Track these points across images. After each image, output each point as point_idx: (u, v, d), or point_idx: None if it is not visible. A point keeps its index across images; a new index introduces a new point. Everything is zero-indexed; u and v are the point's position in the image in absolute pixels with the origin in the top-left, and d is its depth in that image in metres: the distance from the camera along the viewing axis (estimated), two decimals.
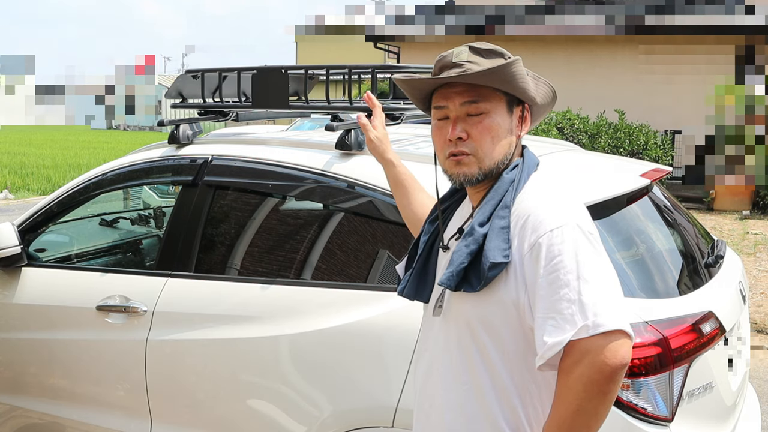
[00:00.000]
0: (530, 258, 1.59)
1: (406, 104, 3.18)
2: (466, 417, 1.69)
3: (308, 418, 2.58)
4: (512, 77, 1.68)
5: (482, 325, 1.65)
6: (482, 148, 1.70)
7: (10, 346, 3.40)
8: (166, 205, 4.75)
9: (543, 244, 1.57)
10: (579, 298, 1.52)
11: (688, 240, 2.92)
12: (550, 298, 1.54)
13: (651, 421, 2.15)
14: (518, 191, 1.69)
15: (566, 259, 1.54)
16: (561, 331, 1.52)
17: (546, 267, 1.56)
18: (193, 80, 3.30)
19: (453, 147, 1.71)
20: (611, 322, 1.50)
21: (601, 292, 1.53)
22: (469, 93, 1.70)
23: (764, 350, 5.77)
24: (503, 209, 1.66)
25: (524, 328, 1.62)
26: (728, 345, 2.59)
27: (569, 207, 1.65)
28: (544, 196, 1.67)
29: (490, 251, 1.61)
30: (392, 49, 18.37)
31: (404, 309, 2.31)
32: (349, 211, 2.80)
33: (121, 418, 3.07)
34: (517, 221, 1.64)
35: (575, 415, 1.51)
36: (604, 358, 1.49)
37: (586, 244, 1.58)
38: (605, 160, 3.44)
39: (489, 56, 1.71)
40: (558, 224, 1.58)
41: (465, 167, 1.71)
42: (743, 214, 11.70)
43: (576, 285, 1.53)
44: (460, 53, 1.71)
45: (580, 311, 1.51)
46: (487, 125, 1.69)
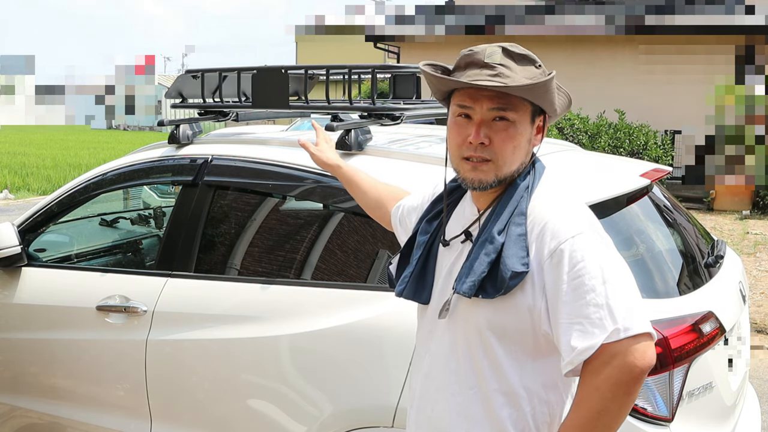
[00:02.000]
0: (551, 264, 1.58)
1: (407, 104, 3.18)
2: (471, 421, 1.68)
3: (308, 418, 2.58)
4: (547, 92, 1.67)
5: (492, 330, 1.65)
6: (503, 157, 1.67)
7: (10, 346, 3.40)
8: (166, 205, 4.75)
9: (565, 250, 1.57)
10: (606, 302, 1.52)
11: (688, 240, 2.92)
12: (575, 303, 1.54)
13: (651, 421, 2.15)
14: (531, 197, 1.69)
15: (590, 265, 1.55)
16: (590, 336, 1.52)
17: (569, 273, 1.56)
18: (193, 80, 3.30)
19: (472, 151, 1.67)
20: (639, 326, 1.52)
21: (626, 296, 1.55)
22: (500, 100, 1.65)
23: (764, 350, 5.77)
24: (519, 216, 1.65)
25: (536, 334, 1.62)
26: (728, 345, 2.59)
27: (584, 214, 1.66)
28: (559, 204, 1.67)
29: (509, 259, 1.61)
30: (392, 49, 18.36)
31: (404, 309, 2.31)
32: (349, 211, 2.80)
33: (121, 418, 3.07)
34: (533, 228, 1.63)
35: (599, 415, 1.52)
36: (634, 360, 1.50)
37: (605, 249, 1.60)
38: (605, 160, 3.44)
39: (521, 62, 1.67)
40: (578, 231, 1.59)
41: (482, 174, 1.68)
42: (743, 214, 11.70)
43: (602, 290, 1.53)
44: (493, 54, 1.66)
45: (610, 315, 1.52)
46: (511, 134, 1.67)
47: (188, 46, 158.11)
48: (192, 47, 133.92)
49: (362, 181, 2.25)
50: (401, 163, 2.72)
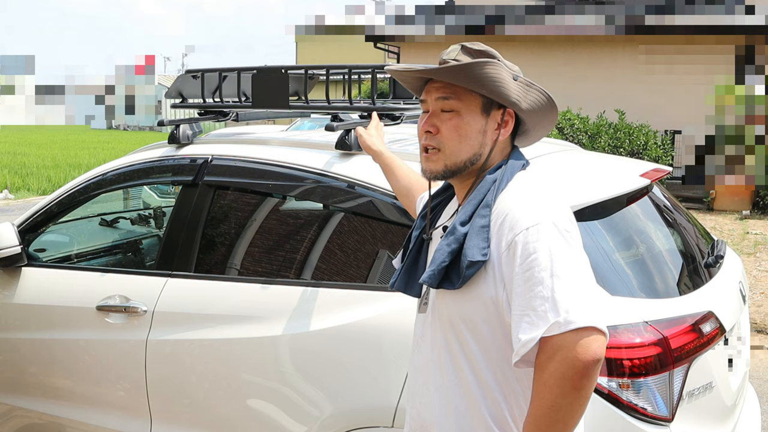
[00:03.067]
0: (507, 256, 1.61)
1: (407, 104, 3.18)
2: (455, 413, 1.71)
3: (308, 418, 2.58)
4: (483, 78, 1.69)
5: (463, 323, 1.68)
6: (448, 145, 1.73)
7: (10, 346, 3.40)
8: (166, 205, 4.75)
9: (519, 242, 1.59)
10: (552, 295, 1.54)
11: (688, 240, 2.92)
12: (525, 295, 1.57)
13: (651, 421, 2.15)
14: (500, 190, 1.70)
15: (540, 257, 1.56)
16: (534, 328, 1.54)
17: (521, 264, 1.58)
18: (193, 80, 3.30)
19: (425, 140, 1.76)
20: (583, 319, 1.52)
21: (574, 290, 1.55)
22: (444, 89, 1.74)
23: (764, 350, 5.78)
24: (484, 208, 1.69)
25: (503, 326, 1.65)
26: (728, 345, 2.59)
27: (546, 205, 1.66)
28: (523, 195, 1.69)
29: (469, 250, 1.64)
30: (392, 49, 18.36)
31: (404, 309, 2.31)
32: (349, 211, 2.80)
33: (121, 418, 3.07)
34: (497, 220, 1.66)
35: (550, 410, 1.53)
36: (576, 354, 1.51)
37: (561, 242, 1.59)
38: (605, 160, 3.44)
39: (476, 56, 1.73)
40: (533, 222, 1.60)
41: (432, 163, 1.76)
42: (743, 214, 11.70)
43: (549, 282, 1.55)
44: (451, 51, 1.75)
45: (553, 308, 1.53)
46: (455, 123, 1.73)
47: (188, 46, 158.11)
48: (192, 47, 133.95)
49: (398, 169, 2.34)
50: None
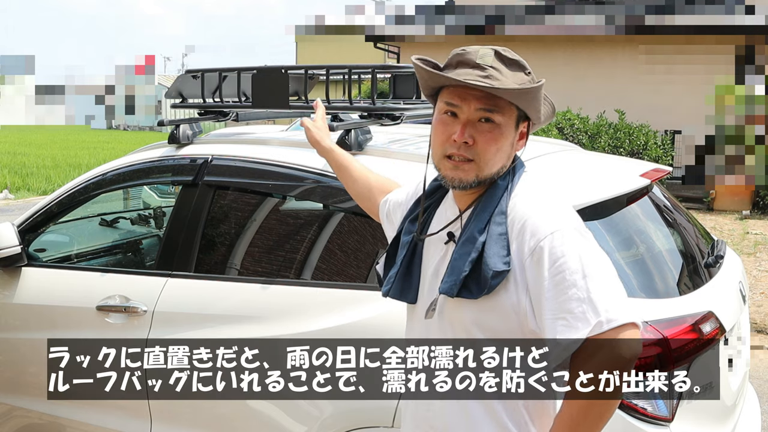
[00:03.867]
0: (531, 262, 1.60)
1: (407, 104, 3.18)
2: (471, 419, 1.69)
3: (308, 418, 2.58)
4: (535, 99, 1.69)
5: (481, 331, 1.66)
6: (485, 158, 1.68)
7: (10, 346, 3.40)
8: (166, 205, 4.75)
9: (545, 247, 1.58)
10: (588, 296, 1.54)
11: (688, 240, 2.92)
12: (558, 299, 1.56)
13: (651, 421, 2.15)
14: (511, 197, 1.70)
15: (570, 260, 1.56)
16: (574, 330, 1.54)
17: (550, 269, 1.57)
18: (193, 80, 3.30)
19: (455, 149, 1.69)
20: (623, 316, 1.54)
21: (608, 288, 1.56)
22: (488, 101, 1.67)
23: (764, 350, 5.78)
24: (499, 215, 1.67)
25: (524, 333, 1.63)
26: (728, 345, 2.59)
27: (564, 211, 1.67)
28: (538, 201, 1.69)
29: (491, 259, 1.62)
30: (392, 49, 18.36)
31: (404, 309, 2.31)
32: (349, 211, 2.80)
33: (121, 418, 3.07)
34: (513, 226, 1.65)
35: (587, 408, 1.54)
36: (620, 350, 1.52)
37: (586, 243, 1.61)
38: (605, 160, 3.44)
39: (512, 67, 1.69)
40: (557, 227, 1.60)
41: (462, 173, 1.69)
42: (743, 214, 11.70)
43: (583, 284, 1.55)
44: (485, 56, 1.67)
45: (592, 309, 1.53)
46: (496, 136, 1.68)
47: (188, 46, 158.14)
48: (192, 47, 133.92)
49: (353, 169, 2.24)
50: (401, 163, 2.72)
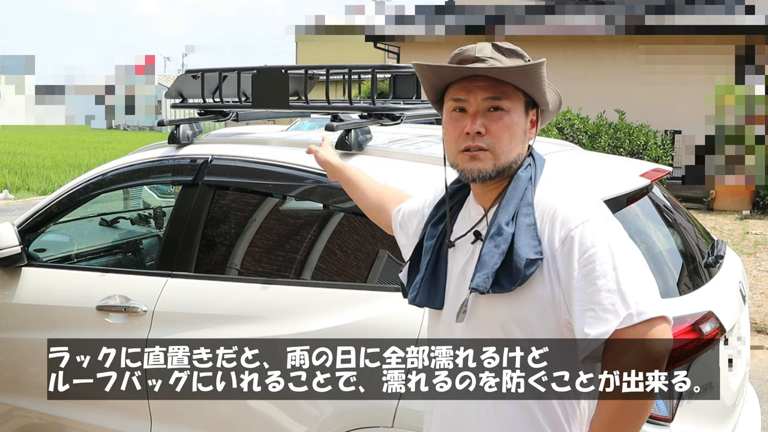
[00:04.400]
0: (562, 252, 1.58)
1: (407, 104, 3.18)
2: (504, 421, 1.65)
3: (308, 418, 2.58)
4: (539, 79, 1.68)
5: (517, 325, 1.63)
6: (500, 145, 1.67)
7: (10, 346, 3.40)
8: (166, 205, 4.75)
9: (575, 237, 1.57)
10: (618, 287, 1.52)
11: (688, 240, 2.92)
12: (587, 289, 1.54)
13: (651, 421, 2.15)
14: (536, 188, 1.68)
15: (600, 251, 1.55)
16: (603, 322, 1.51)
17: (580, 260, 1.56)
18: (193, 80, 3.30)
19: (470, 141, 1.68)
20: (654, 309, 1.52)
21: (639, 280, 1.54)
22: (494, 89, 1.67)
23: (764, 350, 5.78)
24: (526, 207, 1.65)
25: (560, 325, 1.61)
26: (728, 345, 2.59)
27: (593, 201, 1.67)
28: (566, 192, 1.68)
29: (522, 249, 1.60)
30: (392, 49, 18.35)
31: (404, 309, 2.31)
32: (349, 211, 2.80)
33: (121, 418, 3.07)
34: (543, 217, 1.63)
35: (623, 406, 1.52)
36: (652, 345, 1.50)
37: (617, 234, 1.60)
38: (605, 160, 3.44)
39: (510, 56, 1.69)
40: (587, 217, 1.59)
41: (480, 163, 1.68)
42: (743, 214, 11.70)
43: (613, 275, 1.53)
44: (483, 49, 1.69)
45: (622, 300, 1.52)
46: (507, 123, 1.68)
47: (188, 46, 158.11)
48: (192, 47, 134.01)
49: (363, 183, 2.23)
50: (401, 163, 2.72)
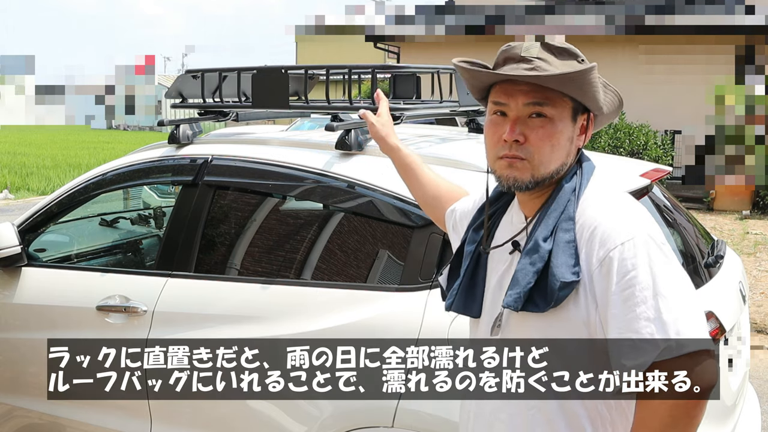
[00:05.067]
0: (600, 274, 1.47)
1: (407, 104, 3.18)
2: (549, 423, 1.55)
3: (308, 418, 2.58)
4: (588, 85, 1.55)
5: (548, 346, 1.52)
6: (539, 155, 1.55)
7: (10, 346, 3.40)
8: (166, 205, 4.75)
9: (614, 258, 1.45)
10: (658, 316, 1.41)
11: (688, 240, 2.92)
12: (625, 316, 1.43)
13: None
14: (579, 200, 1.57)
15: (641, 274, 1.43)
16: (641, 353, 1.41)
17: (619, 283, 1.44)
18: (193, 80, 3.30)
19: (507, 149, 1.57)
20: (696, 342, 1.41)
21: (681, 309, 1.43)
22: (536, 94, 1.55)
23: (764, 350, 5.78)
24: (567, 221, 1.54)
25: (594, 347, 1.50)
26: (728, 345, 2.59)
27: (638, 217, 1.53)
28: (609, 206, 1.55)
29: (558, 269, 1.49)
30: (392, 49, 18.36)
31: (404, 309, 2.31)
32: (349, 211, 2.80)
33: (121, 418, 3.07)
34: (582, 233, 1.52)
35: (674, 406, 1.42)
36: (692, 380, 1.41)
37: (661, 256, 1.47)
38: (605, 160, 3.44)
39: (562, 56, 1.57)
40: (629, 236, 1.47)
41: (517, 171, 1.57)
42: (743, 214, 11.70)
43: (653, 302, 1.42)
44: (530, 47, 1.56)
45: (661, 330, 1.41)
46: (549, 131, 1.55)
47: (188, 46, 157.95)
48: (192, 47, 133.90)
49: (421, 173, 2.07)
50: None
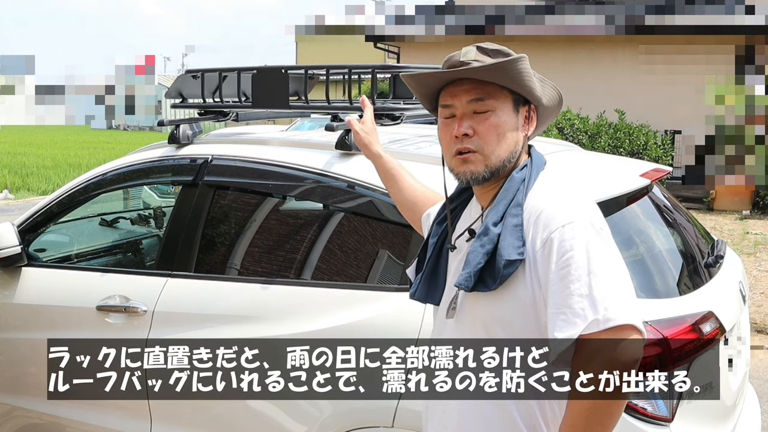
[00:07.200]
0: (542, 254, 1.59)
1: (407, 104, 3.18)
2: (483, 420, 1.68)
3: (308, 418, 2.58)
4: (519, 74, 1.69)
5: (499, 325, 1.65)
6: (488, 145, 1.70)
7: (10, 346, 3.40)
8: (166, 205, 4.75)
9: (555, 239, 1.58)
10: (590, 292, 1.52)
11: (688, 240, 2.92)
12: (562, 293, 1.55)
13: (651, 421, 2.15)
14: (529, 189, 1.69)
15: (577, 255, 1.55)
16: (571, 326, 1.52)
17: (557, 262, 1.56)
18: (193, 80, 3.30)
19: (459, 144, 1.71)
20: (622, 317, 1.51)
21: (612, 287, 1.54)
22: (477, 90, 1.70)
23: (764, 350, 5.78)
24: (516, 207, 1.67)
25: (541, 326, 1.62)
26: (728, 345, 2.59)
27: (580, 204, 1.66)
28: (555, 193, 1.68)
29: (505, 249, 1.62)
30: (392, 49, 18.35)
31: (404, 309, 2.31)
32: (349, 211, 2.80)
33: (121, 418, 3.07)
34: (529, 218, 1.64)
35: (589, 413, 1.52)
36: (617, 354, 1.50)
37: (598, 239, 1.59)
38: (605, 160, 3.44)
39: (495, 56, 1.71)
40: (569, 220, 1.59)
41: (471, 165, 1.71)
42: (743, 214, 11.70)
43: (587, 280, 1.53)
44: (468, 52, 1.72)
45: (591, 306, 1.52)
46: (493, 122, 1.70)
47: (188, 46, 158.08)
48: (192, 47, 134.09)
49: (401, 180, 2.20)
50: (401, 163, 2.72)
